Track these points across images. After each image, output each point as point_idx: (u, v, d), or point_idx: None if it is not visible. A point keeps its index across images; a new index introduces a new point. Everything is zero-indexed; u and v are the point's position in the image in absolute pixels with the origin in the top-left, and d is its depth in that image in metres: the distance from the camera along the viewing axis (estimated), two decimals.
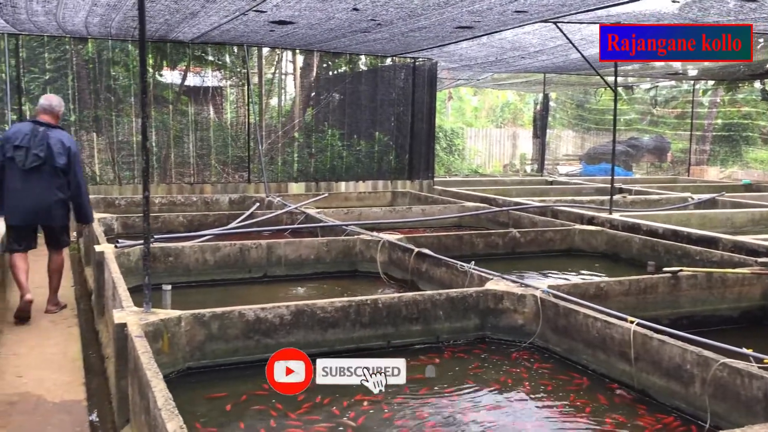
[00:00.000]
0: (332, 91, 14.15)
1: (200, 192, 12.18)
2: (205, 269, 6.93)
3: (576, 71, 15.67)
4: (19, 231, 6.08)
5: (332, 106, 14.08)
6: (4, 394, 4.31)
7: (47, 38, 11.33)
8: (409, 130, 14.18)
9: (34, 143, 5.95)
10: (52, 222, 6.17)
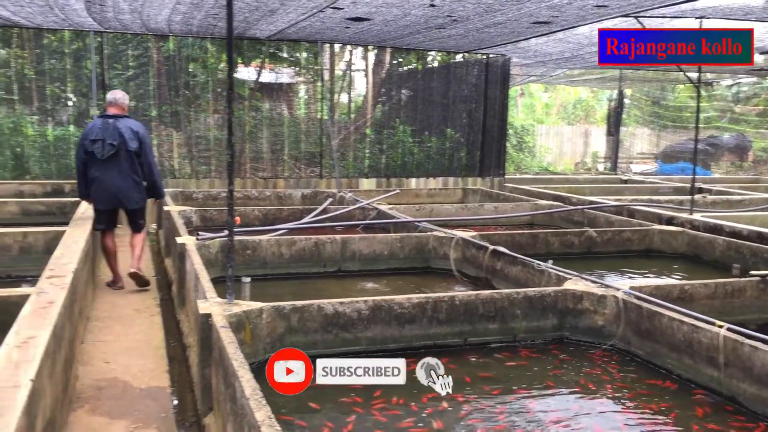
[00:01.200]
0: (403, 87, 14.16)
1: (273, 187, 12.38)
2: (281, 262, 7.03)
3: (654, 67, 15.22)
4: (103, 213, 6.74)
5: (403, 103, 14.09)
6: (93, 379, 4.47)
7: (130, 36, 11.70)
8: (481, 126, 14.06)
9: (107, 134, 6.51)
10: (129, 204, 6.75)
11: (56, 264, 4.82)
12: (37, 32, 11.36)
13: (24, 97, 11.64)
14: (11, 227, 7.32)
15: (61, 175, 11.47)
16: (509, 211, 10.54)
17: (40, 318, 3.51)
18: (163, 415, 3.98)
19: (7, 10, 9.31)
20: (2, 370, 2.74)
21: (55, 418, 3.26)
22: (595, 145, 25.08)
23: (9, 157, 11.48)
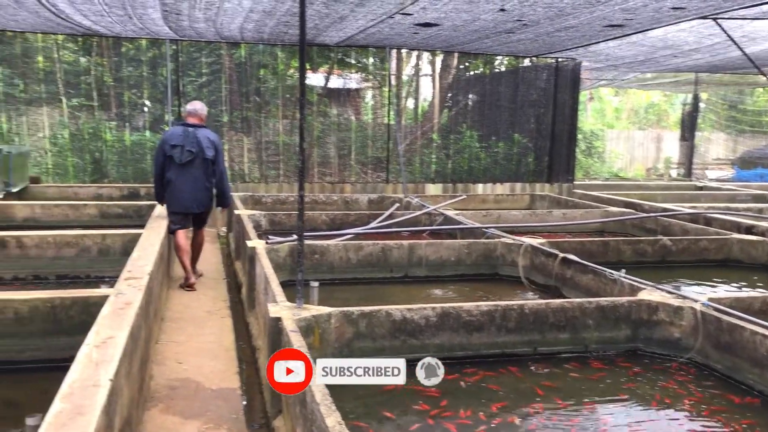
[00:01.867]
0: (470, 91, 14.07)
1: (340, 191, 12.48)
2: (349, 267, 7.07)
3: (732, 70, 14.68)
4: (178, 215, 7.03)
5: (470, 107, 14.00)
6: (167, 379, 4.58)
7: (204, 43, 12.00)
8: (550, 131, 13.85)
9: (186, 141, 6.86)
10: (200, 208, 7.08)
11: (133, 266, 4.97)
12: (115, 41, 11.78)
13: (103, 104, 12.08)
14: (90, 229, 7.60)
15: (137, 179, 11.86)
16: (578, 218, 10.33)
17: (119, 318, 3.61)
18: (234, 416, 4.04)
19: (89, 20, 9.68)
20: (83, 370, 2.83)
21: (131, 417, 3.35)
22: (668, 151, 24.37)
23: (89, 161, 11.94)
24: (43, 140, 11.96)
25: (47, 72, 11.81)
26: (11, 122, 11.72)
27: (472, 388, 4.33)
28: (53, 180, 11.81)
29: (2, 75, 11.59)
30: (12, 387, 4.21)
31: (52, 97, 11.86)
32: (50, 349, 4.34)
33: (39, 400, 2.56)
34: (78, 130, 11.93)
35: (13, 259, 6.74)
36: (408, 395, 4.15)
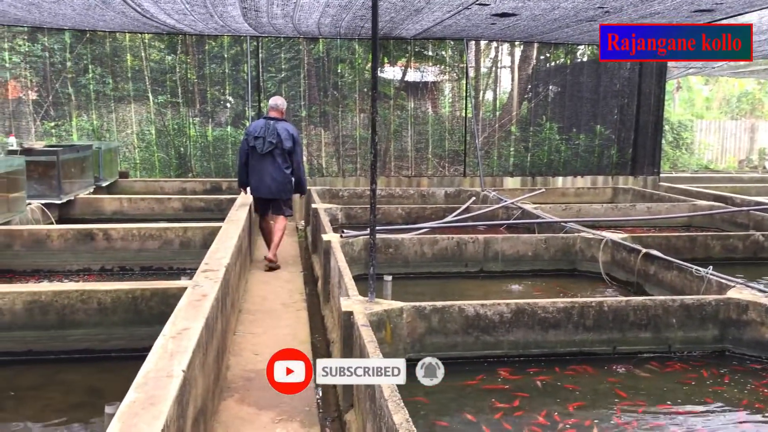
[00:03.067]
0: (551, 82, 13.75)
1: (417, 185, 12.44)
2: (423, 261, 7.03)
3: None
4: (260, 200, 7.70)
5: (550, 99, 13.69)
6: (244, 369, 4.66)
7: (283, 39, 12.18)
8: (634, 122, 13.38)
9: (267, 133, 7.42)
10: (278, 195, 7.57)
11: (211, 258, 5.08)
12: (199, 38, 12.10)
13: (187, 100, 12.43)
14: (174, 222, 7.85)
15: (219, 173, 12.18)
16: (664, 212, 9.94)
17: (194, 310, 3.69)
18: (307, 408, 4.06)
19: (172, 19, 9.97)
20: (158, 360, 2.90)
21: (206, 407, 3.42)
22: (763, 141, 23.17)
23: (174, 156, 12.33)
24: (132, 136, 12.43)
25: (135, 70, 12.25)
26: (102, 119, 12.22)
27: (548, 387, 4.22)
28: (140, 174, 12.26)
29: (94, 74, 12.09)
30: (96, 375, 4.38)
31: (140, 94, 12.29)
32: (131, 338, 4.50)
33: (121, 389, 2.63)
34: (164, 126, 12.33)
35: (101, 251, 7.02)
36: (481, 393, 4.09)
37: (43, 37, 11.73)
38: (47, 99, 11.93)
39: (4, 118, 11.86)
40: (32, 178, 8.15)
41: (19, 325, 4.45)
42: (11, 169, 7.21)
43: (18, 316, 4.45)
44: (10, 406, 3.93)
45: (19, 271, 6.80)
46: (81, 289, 4.57)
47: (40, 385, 4.23)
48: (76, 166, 9.18)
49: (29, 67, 11.94)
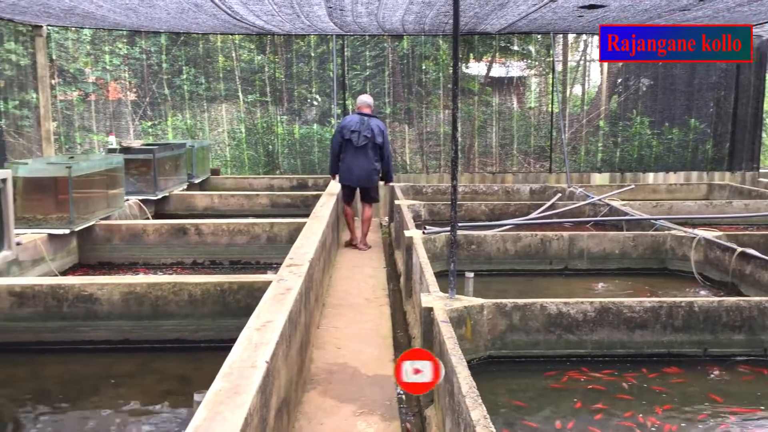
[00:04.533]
0: (642, 75, 13.31)
1: (501, 181, 12.32)
2: (506, 258, 6.97)
3: None
4: (349, 189, 8.63)
5: (641, 92, 13.25)
6: (326, 363, 4.76)
7: (368, 37, 12.30)
8: (731, 116, 12.79)
9: (362, 128, 8.26)
10: (368, 184, 8.51)
11: (296, 253, 5.20)
12: (287, 38, 12.38)
13: (275, 99, 12.74)
14: (262, 218, 8.08)
15: (305, 170, 12.43)
16: (763, 209, 9.45)
17: (278, 303, 3.80)
18: (388, 402, 4.11)
19: (261, 20, 10.24)
20: (243, 351, 3.00)
21: (289, 398, 3.52)
22: None
23: (262, 153, 12.67)
24: (223, 135, 12.85)
25: (227, 71, 12.65)
26: (195, 118, 12.69)
27: (634, 389, 4.11)
28: (231, 171, 12.66)
29: (188, 75, 12.56)
30: (186, 364, 4.57)
31: (231, 94, 12.69)
32: (219, 329, 4.67)
33: (209, 377, 2.75)
34: (253, 125, 12.68)
35: (193, 246, 7.31)
36: (563, 393, 4.04)
37: (141, 40, 12.28)
38: (145, 99, 12.48)
39: (105, 118, 12.49)
40: (130, 175, 8.57)
41: (116, 315, 4.70)
42: (111, 167, 7.60)
43: (115, 307, 4.70)
44: (109, 392, 4.16)
45: (117, 264, 7.16)
46: (173, 282, 4.79)
47: (136, 373, 4.45)
48: (171, 164, 9.58)
49: (128, 69, 12.53)
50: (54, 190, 6.54)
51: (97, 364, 4.55)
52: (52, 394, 4.18)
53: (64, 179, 6.49)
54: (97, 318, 4.69)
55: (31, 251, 6.00)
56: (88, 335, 4.69)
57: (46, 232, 6.32)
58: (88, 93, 12.59)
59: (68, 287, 4.70)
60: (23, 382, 4.33)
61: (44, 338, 4.66)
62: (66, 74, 12.29)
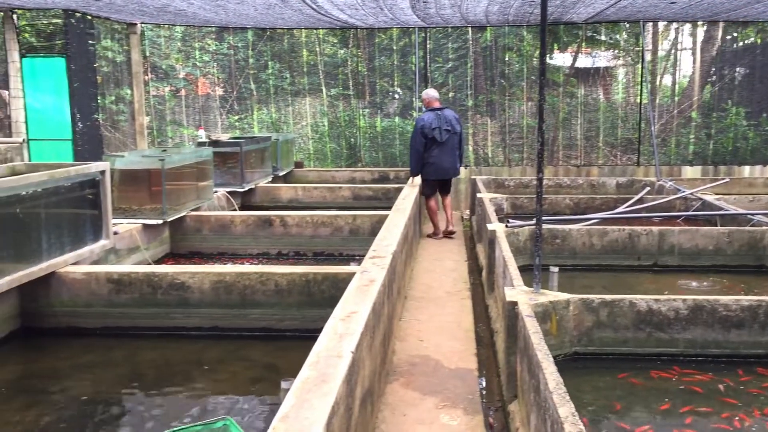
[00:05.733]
0: (738, 64, 12.71)
1: (586, 175, 12.03)
2: (592, 253, 6.80)
3: None
4: (435, 183, 8.70)
5: (737, 82, 12.66)
6: (408, 355, 4.78)
7: (450, 29, 12.23)
8: None
9: (442, 122, 8.33)
10: (454, 175, 8.77)
11: (378, 245, 5.24)
12: (369, 32, 12.45)
13: (358, 92, 12.86)
14: (344, 210, 8.18)
15: (387, 163, 12.49)
16: None
17: (362, 295, 3.84)
18: (470, 396, 4.09)
19: (344, 14, 10.34)
20: (328, 341, 3.05)
21: (373, 388, 3.55)
22: None
23: (344, 146, 12.81)
24: (306, 128, 13.06)
25: (310, 65, 12.84)
26: (280, 112, 12.95)
27: (730, 390, 3.95)
28: (314, 164, 12.87)
29: (273, 69, 12.83)
30: (272, 352, 4.68)
31: (315, 88, 12.89)
32: (304, 319, 4.76)
33: (295, 366, 2.81)
34: (336, 118, 12.84)
35: (278, 237, 7.47)
36: (653, 392, 3.91)
37: (229, 36, 12.62)
38: (232, 94, 12.83)
39: (195, 112, 12.91)
40: (218, 168, 8.82)
41: (207, 303, 4.86)
42: (201, 160, 7.85)
43: (206, 295, 4.86)
44: (200, 377, 4.31)
45: (206, 254, 7.40)
46: (260, 272, 4.91)
47: (225, 359, 4.59)
48: (257, 157, 9.81)
49: (216, 64, 12.90)
50: (148, 182, 6.82)
51: (188, 350, 4.72)
52: (147, 377, 4.36)
53: (158, 171, 6.75)
54: (188, 305, 4.86)
55: (127, 240, 6.27)
56: (180, 322, 4.87)
57: (140, 222, 6.59)
58: (179, 88, 13.05)
59: (162, 275, 4.89)
60: (120, 365, 4.53)
61: (139, 324, 4.87)
62: (158, 70, 12.77)
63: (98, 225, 5.45)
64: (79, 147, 9.93)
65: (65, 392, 4.11)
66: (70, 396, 4.06)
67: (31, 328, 4.86)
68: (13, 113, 9.97)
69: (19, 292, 4.73)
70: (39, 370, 4.47)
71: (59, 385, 4.20)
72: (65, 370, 4.43)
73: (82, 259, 5.20)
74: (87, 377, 4.34)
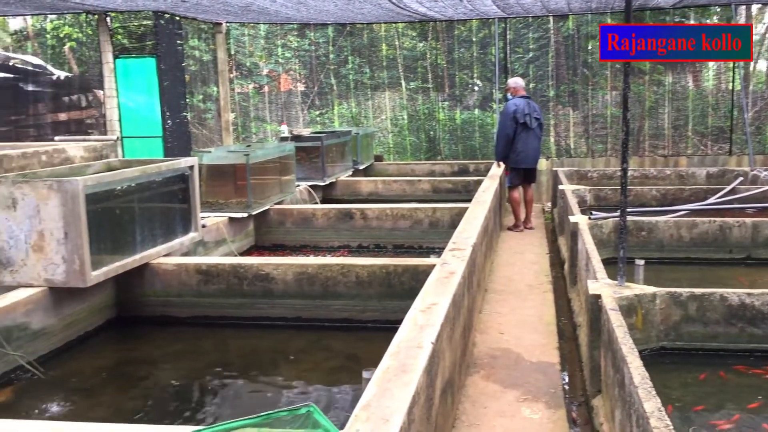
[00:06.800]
0: None
1: (674, 165, 11.62)
2: (680, 246, 6.58)
3: None
4: (521, 172, 8.57)
5: None
6: (489, 348, 4.76)
7: (531, 19, 12.03)
8: None
9: (530, 110, 8.39)
10: (537, 164, 8.76)
11: (458, 238, 5.23)
12: (448, 24, 12.41)
13: (437, 85, 12.84)
14: (424, 203, 8.20)
15: (466, 156, 12.42)
16: None
17: (442, 287, 3.85)
18: (552, 390, 4.05)
19: (424, 7, 10.34)
20: (409, 332, 3.08)
21: (453, 380, 3.56)
22: None
23: (424, 139, 12.83)
24: (386, 122, 13.15)
25: (389, 59, 12.92)
26: (360, 106, 13.08)
27: None
28: (393, 158, 12.93)
29: (353, 64, 12.96)
30: (353, 343, 4.76)
31: (394, 81, 12.95)
32: (384, 310, 4.81)
33: (375, 356, 2.85)
34: (415, 111, 12.87)
35: (358, 229, 7.57)
36: (745, 389, 3.77)
37: (310, 32, 12.82)
38: (313, 90, 13.05)
39: (277, 108, 13.20)
40: (300, 162, 9.00)
41: (290, 294, 4.98)
42: (284, 155, 8.03)
43: (290, 286, 4.98)
44: (284, 366, 4.44)
45: (289, 246, 7.57)
46: (342, 263, 5.00)
47: (308, 349, 4.70)
48: (338, 151, 9.95)
49: (298, 61, 13.14)
50: (234, 177, 7.03)
51: (273, 339, 4.86)
52: (234, 365, 4.52)
53: (243, 166, 6.95)
54: (273, 296, 4.99)
55: (214, 233, 6.49)
56: (265, 312, 5.01)
57: (227, 215, 6.81)
58: (262, 85, 13.37)
59: (247, 267, 5.05)
60: (209, 353, 4.71)
61: (227, 313, 5.04)
62: (242, 68, 13.12)
63: (187, 218, 5.66)
64: (169, 144, 10.33)
65: (157, 378, 4.31)
66: (162, 382, 4.25)
67: (125, 317, 5.10)
68: (108, 112, 10.47)
69: (114, 282, 4.97)
70: (133, 356, 4.70)
71: (152, 371, 4.40)
72: (157, 357, 4.64)
73: (173, 251, 5.41)
74: (178, 364, 4.53)
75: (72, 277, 4.26)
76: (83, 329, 4.66)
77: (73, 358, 4.44)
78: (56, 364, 4.25)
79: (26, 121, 12.13)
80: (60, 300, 4.40)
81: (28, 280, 4.28)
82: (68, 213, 4.19)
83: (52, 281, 4.28)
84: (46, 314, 4.29)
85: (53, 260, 4.24)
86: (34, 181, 4.27)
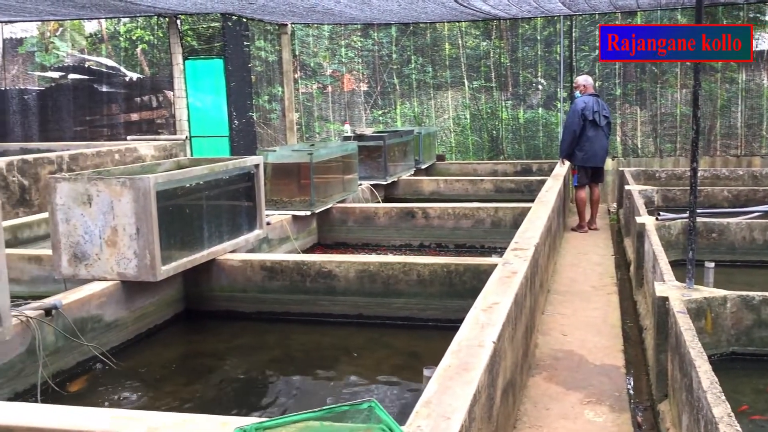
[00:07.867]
0: None
1: (747, 165, 11.23)
2: (753, 249, 6.36)
3: None
4: (588, 170, 8.54)
5: None
6: (551, 349, 4.71)
7: (598, 16, 11.81)
8: None
9: (599, 108, 8.36)
10: (604, 163, 8.64)
11: (521, 238, 5.19)
12: (512, 22, 12.29)
13: (500, 84, 12.74)
14: (486, 203, 8.15)
15: (529, 155, 12.28)
16: None
17: (504, 286, 3.83)
18: (616, 393, 3.98)
19: (487, 5, 10.27)
20: (470, 330, 3.08)
21: (514, 380, 3.54)
22: None
23: (486, 139, 12.74)
24: (448, 121, 13.12)
25: (452, 58, 12.88)
26: (422, 106, 13.09)
27: None
28: (455, 157, 12.89)
29: (416, 63, 12.98)
30: (414, 341, 4.77)
31: (457, 80, 12.91)
32: (445, 309, 4.80)
33: (436, 355, 2.86)
34: (478, 111, 12.79)
35: (420, 228, 7.59)
36: None
37: (374, 32, 12.90)
38: (376, 89, 13.12)
39: (341, 108, 13.33)
40: (362, 161, 9.07)
41: (352, 291, 5.03)
42: (347, 154, 8.11)
43: (351, 283, 5.03)
44: (346, 362, 4.49)
45: (351, 244, 7.64)
46: (403, 262, 5.02)
47: (369, 346, 4.74)
48: (400, 150, 9.99)
49: (361, 61, 13.24)
50: (297, 176, 7.14)
51: (335, 336, 4.92)
52: (297, 360, 4.60)
53: (307, 165, 7.06)
54: (335, 293, 5.05)
55: (278, 231, 6.60)
56: (327, 309, 5.07)
57: (290, 213, 6.92)
58: (326, 85, 13.53)
59: (310, 264, 5.12)
60: (273, 348, 4.80)
61: (290, 309, 5.13)
62: (307, 68, 13.30)
63: (253, 216, 5.78)
64: (235, 143, 10.56)
65: (223, 371, 4.42)
66: (228, 375, 4.36)
67: (193, 311, 5.24)
68: (177, 112, 10.78)
69: (183, 277, 5.11)
70: (200, 349, 4.83)
71: (218, 364, 4.52)
72: (223, 351, 4.76)
73: (239, 248, 5.54)
74: (243, 358, 4.64)
75: (143, 272, 4.41)
76: (153, 322, 4.82)
77: (143, 349, 4.59)
78: (127, 355, 4.41)
79: (100, 121, 12.60)
80: (131, 294, 4.55)
81: (101, 273, 4.45)
82: (140, 209, 4.34)
83: (124, 275, 4.44)
84: (118, 307, 4.45)
85: (126, 255, 4.40)
86: (108, 178, 4.43)
